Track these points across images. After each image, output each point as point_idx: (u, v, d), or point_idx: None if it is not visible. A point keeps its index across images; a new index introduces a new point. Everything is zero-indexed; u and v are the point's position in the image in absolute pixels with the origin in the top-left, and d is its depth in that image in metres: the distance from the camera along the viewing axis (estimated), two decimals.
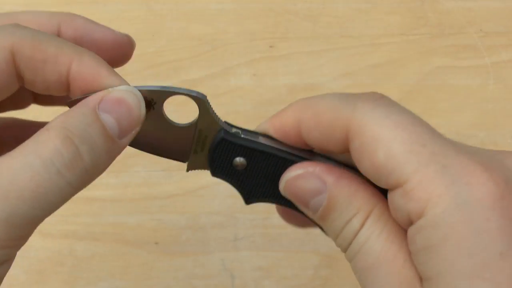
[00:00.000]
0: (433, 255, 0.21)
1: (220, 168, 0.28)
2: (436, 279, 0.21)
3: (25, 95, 0.30)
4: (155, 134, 0.28)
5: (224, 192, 0.46)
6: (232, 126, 0.28)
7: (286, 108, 0.27)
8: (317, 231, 0.46)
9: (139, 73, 0.50)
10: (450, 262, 0.21)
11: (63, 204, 0.24)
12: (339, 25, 0.53)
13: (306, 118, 0.25)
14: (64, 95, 0.26)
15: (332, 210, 0.25)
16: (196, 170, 0.29)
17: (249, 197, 0.28)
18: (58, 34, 0.27)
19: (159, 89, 0.27)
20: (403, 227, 0.24)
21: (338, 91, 0.50)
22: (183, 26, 0.53)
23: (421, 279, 0.23)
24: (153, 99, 0.27)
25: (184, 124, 0.28)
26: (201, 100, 0.27)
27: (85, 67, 0.25)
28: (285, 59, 0.52)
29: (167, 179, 0.46)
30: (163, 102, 0.27)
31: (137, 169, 0.46)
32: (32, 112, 0.31)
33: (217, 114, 0.27)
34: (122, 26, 0.53)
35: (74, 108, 0.25)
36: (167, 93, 0.27)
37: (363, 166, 0.24)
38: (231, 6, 0.54)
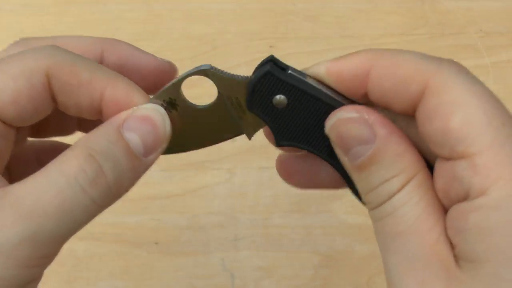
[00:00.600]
0: (487, 238, 0.20)
1: (258, 103, 0.27)
2: (485, 263, 0.20)
3: (69, 121, 0.30)
4: (195, 128, 0.27)
5: (224, 192, 0.46)
6: (277, 61, 0.27)
7: (351, 54, 0.25)
8: (317, 231, 0.46)
9: None
10: (505, 249, 0.20)
11: (89, 221, 0.24)
12: (339, 25, 0.53)
13: (382, 65, 0.24)
14: (97, 119, 0.27)
15: (374, 163, 0.23)
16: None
17: (282, 139, 0.27)
18: (101, 60, 0.27)
19: (169, 85, 0.27)
20: (447, 201, 0.22)
21: None
22: (183, 26, 0.53)
23: (456, 259, 0.21)
24: (171, 98, 0.27)
25: (211, 102, 0.28)
26: (207, 71, 0.27)
27: (118, 93, 0.25)
28: (285, 59, 0.52)
29: (167, 179, 0.46)
30: (180, 95, 0.28)
31: None
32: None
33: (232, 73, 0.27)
34: (122, 26, 0.53)
35: (99, 127, 0.25)
36: (177, 84, 0.28)
37: (430, 128, 0.22)
38: (231, 6, 0.54)
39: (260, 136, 0.51)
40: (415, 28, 0.53)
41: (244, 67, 0.51)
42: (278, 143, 0.27)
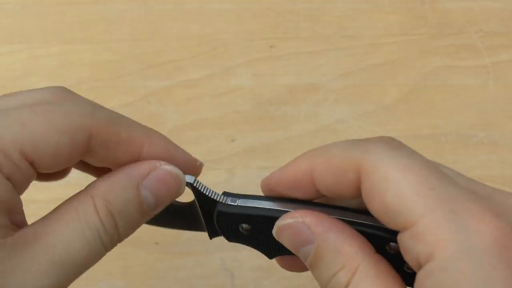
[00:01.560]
0: None
1: (232, 235, 0.29)
2: None
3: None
4: (168, 215, 0.29)
5: None
6: (229, 195, 0.29)
7: (295, 159, 0.27)
8: None
9: (139, 73, 0.51)
10: None
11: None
12: (339, 25, 0.53)
13: (319, 163, 0.26)
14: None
15: (319, 261, 0.25)
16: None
17: (268, 253, 0.30)
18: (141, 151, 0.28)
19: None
20: (414, 269, 0.23)
21: (338, 91, 0.50)
22: (183, 26, 0.53)
23: None
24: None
25: (187, 202, 0.30)
26: (189, 184, 0.28)
27: (155, 148, 0.27)
28: (285, 59, 0.52)
29: None
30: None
31: None
32: None
33: (209, 188, 0.29)
34: (122, 26, 0.53)
35: (119, 176, 0.26)
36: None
37: (374, 207, 0.24)
38: (231, 6, 0.54)
39: (260, 136, 0.51)
40: (415, 28, 0.53)
41: (244, 67, 0.51)
42: (270, 257, 0.30)
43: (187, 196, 0.29)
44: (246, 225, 0.28)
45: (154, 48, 0.52)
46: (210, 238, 0.30)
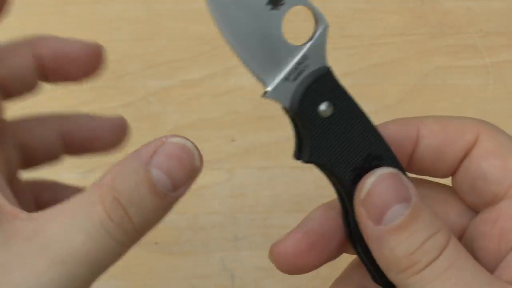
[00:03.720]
0: None
1: (304, 105, 0.25)
2: None
3: (52, 143, 0.31)
4: (259, 35, 0.25)
5: (224, 192, 0.46)
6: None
7: (392, 121, 0.28)
8: None
9: (139, 73, 0.50)
10: None
11: (117, 260, 0.25)
12: (339, 25, 0.53)
13: (432, 122, 0.26)
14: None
15: (413, 222, 0.23)
16: None
17: (314, 153, 0.25)
18: (35, 57, 0.27)
19: None
20: (487, 251, 0.25)
21: None
22: (183, 26, 0.53)
23: None
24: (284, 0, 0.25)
25: (292, 44, 0.25)
26: (325, 25, 0.26)
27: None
28: None
29: None
30: (290, 7, 0.26)
31: None
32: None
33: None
34: (122, 26, 0.53)
35: (127, 159, 0.24)
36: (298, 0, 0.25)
37: (491, 164, 0.25)
38: None
39: (260, 136, 0.51)
40: (415, 28, 0.53)
41: (244, 67, 0.51)
42: (307, 158, 0.26)
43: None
44: (332, 108, 0.25)
45: (154, 48, 0.52)
46: (264, 96, 0.26)
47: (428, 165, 0.27)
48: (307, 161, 0.26)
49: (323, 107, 0.25)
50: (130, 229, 0.24)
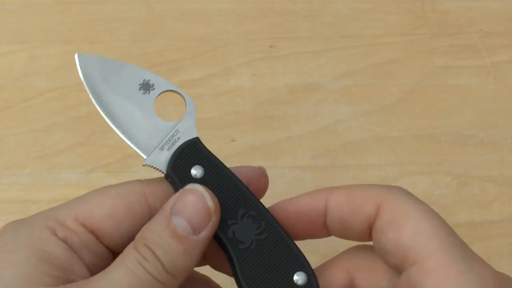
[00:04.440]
0: None
1: (177, 169, 0.29)
2: None
3: None
4: (135, 116, 0.29)
5: None
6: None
7: (311, 191, 0.29)
8: None
9: None
10: None
11: None
12: (339, 25, 0.53)
13: (338, 194, 0.28)
14: None
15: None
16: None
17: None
18: None
19: (162, 80, 0.30)
20: None
21: (338, 91, 0.50)
22: (183, 26, 0.53)
23: None
24: (153, 85, 0.29)
25: (164, 121, 0.30)
26: (193, 105, 0.30)
27: None
28: (285, 59, 0.52)
29: None
30: (159, 92, 0.30)
31: (136, 169, 0.46)
32: None
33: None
34: (122, 26, 0.53)
35: (154, 216, 0.27)
36: (166, 86, 0.30)
37: (386, 240, 0.26)
38: (231, 6, 0.54)
39: (260, 136, 0.51)
40: (415, 28, 0.53)
41: (244, 67, 0.51)
42: None
43: None
44: (202, 169, 0.29)
45: (154, 48, 0.52)
46: (144, 165, 0.29)
47: (340, 233, 0.29)
48: None
49: (193, 170, 0.29)
50: (161, 269, 0.26)
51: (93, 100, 0.29)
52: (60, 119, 0.48)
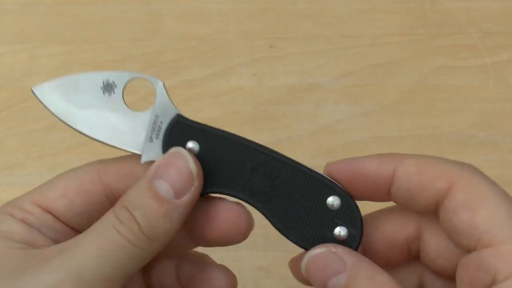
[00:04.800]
0: None
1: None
2: None
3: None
4: (112, 120, 0.29)
5: None
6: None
7: (376, 155, 0.28)
8: None
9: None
10: None
11: (138, 265, 0.27)
12: (339, 25, 0.53)
13: (409, 164, 0.27)
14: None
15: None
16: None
17: (206, 186, 0.28)
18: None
19: (118, 73, 0.29)
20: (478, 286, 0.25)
21: (338, 91, 0.50)
22: (183, 26, 0.53)
23: None
24: (114, 82, 0.28)
25: (141, 112, 0.29)
26: (160, 84, 0.28)
27: None
28: (285, 59, 0.52)
29: None
30: (123, 86, 0.29)
31: None
32: None
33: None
34: (122, 26, 0.53)
35: (138, 181, 0.27)
36: (126, 76, 0.29)
37: (458, 220, 0.26)
38: (231, 6, 0.54)
39: (260, 136, 0.51)
40: (415, 28, 0.53)
41: (244, 67, 0.51)
42: (204, 190, 0.28)
43: None
44: (195, 143, 0.28)
45: (154, 48, 0.52)
46: (143, 162, 0.29)
47: (402, 203, 0.28)
48: (201, 195, 0.28)
49: (189, 145, 0.28)
50: (137, 231, 0.26)
51: (68, 124, 0.29)
52: None
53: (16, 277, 0.25)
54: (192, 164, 0.27)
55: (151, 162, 0.28)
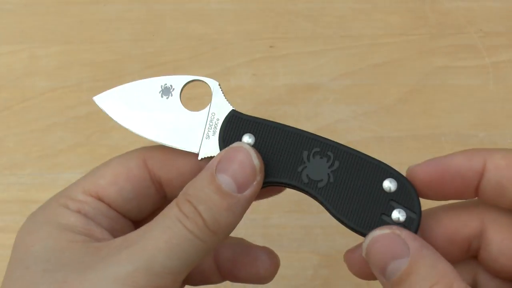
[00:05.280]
0: None
1: (230, 139, 0.29)
2: None
3: (209, 271, 0.33)
4: (170, 121, 0.30)
5: None
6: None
7: (459, 152, 0.28)
8: (317, 231, 0.46)
9: (139, 73, 0.51)
10: None
11: (202, 258, 0.27)
12: (339, 25, 0.53)
13: (499, 156, 0.27)
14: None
15: (412, 275, 0.25)
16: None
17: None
18: None
19: (176, 77, 0.30)
20: None
21: (338, 91, 0.50)
22: (183, 26, 0.53)
23: None
24: (172, 86, 0.30)
25: (198, 111, 0.30)
26: (215, 83, 0.30)
27: None
28: (285, 59, 0.52)
29: None
30: (181, 89, 0.30)
31: None
32: None
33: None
34: (122, 26, 0.53)
35: (199, 173, 0.27)
36: (184, 79, 0.30)
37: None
38: (231, 6, 0.54)
39: None
40: (415, 28, 0.53)
41: (244, 67, 0.51)
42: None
43: None
44: (252, 136, 0.29)
45: (154, 48, 0.52)
46: (201, 159, 0.29)
47: (492, 198, 0.27)
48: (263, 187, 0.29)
49: (245, 139, 0.29)
50: (202, 224, 0.26)
51: (134, 131, 0.30)
52: (60, 119, 0.48)
53: (85, 270, 0.25)
54: (255, 159, 0.27)
55: (209, 158, 0.29)
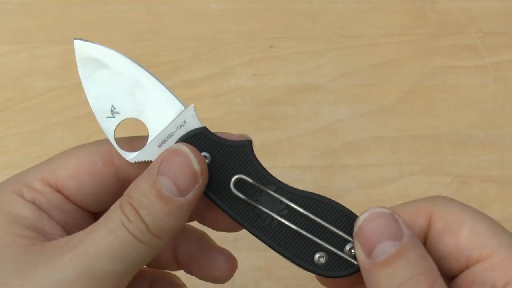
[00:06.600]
0: None
1: None
2: None
3: (165, 257, 0.33)
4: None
5: None
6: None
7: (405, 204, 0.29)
8: None
9: None
10: None
11: (147, 260, 0.27)
12: (339, 25, 0.53)
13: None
14: None
15: (399, 260, 0.25)
16: None
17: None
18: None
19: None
20: None
21: (338, 91, 0.50)
22: (183, 26, 0.53)
23: None
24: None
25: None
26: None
27: None
28: (285, 59, 0.52)
29: None
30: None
31: None
32: None
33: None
34: (122, 26, 0.53)
35: (142, 174, 0.27)
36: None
37: (444, 244, 0.27)
38: (231, 6, 0.54)
39: (260, 136, 0.51)
40: (415, 28, 0.53)
41: (244, 67, 0.51)
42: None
43: None
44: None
45: (154, 48, 0.52)
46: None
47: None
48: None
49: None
50: (145, 229, 0.26)
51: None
52: (60, 119, 0.48)
53: (26, 272, 0.25)
54: (195, 163, 0.27)
55: (145, 162, 0.28)
